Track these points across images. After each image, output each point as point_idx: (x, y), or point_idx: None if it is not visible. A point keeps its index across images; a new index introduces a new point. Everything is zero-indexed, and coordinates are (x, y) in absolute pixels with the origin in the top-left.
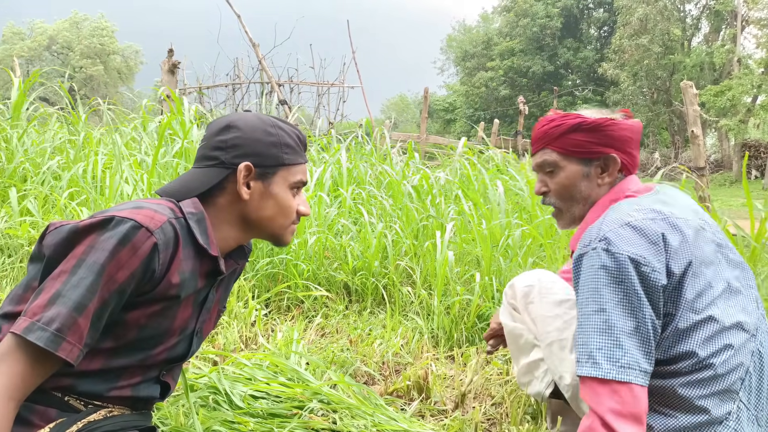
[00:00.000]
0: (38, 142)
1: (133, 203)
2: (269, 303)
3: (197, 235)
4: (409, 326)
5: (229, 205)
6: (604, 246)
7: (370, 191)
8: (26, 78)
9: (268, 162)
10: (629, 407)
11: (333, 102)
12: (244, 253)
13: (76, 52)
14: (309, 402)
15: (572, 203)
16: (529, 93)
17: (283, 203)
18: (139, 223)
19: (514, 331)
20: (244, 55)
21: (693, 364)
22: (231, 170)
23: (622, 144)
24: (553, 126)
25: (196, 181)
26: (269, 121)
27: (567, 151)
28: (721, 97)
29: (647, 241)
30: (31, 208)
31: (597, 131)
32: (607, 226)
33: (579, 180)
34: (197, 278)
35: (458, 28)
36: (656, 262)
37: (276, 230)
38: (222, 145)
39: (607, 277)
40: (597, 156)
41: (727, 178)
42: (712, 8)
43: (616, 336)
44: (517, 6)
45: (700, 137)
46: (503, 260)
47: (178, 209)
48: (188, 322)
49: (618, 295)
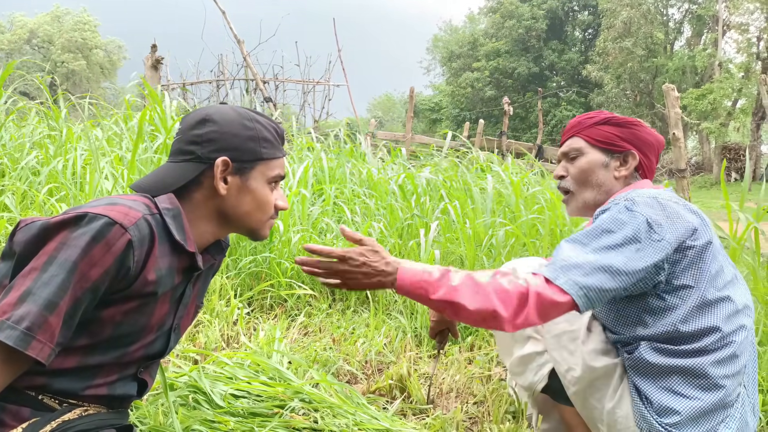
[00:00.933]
0: (17, 137)
1: (108, 199)
2: (252, 301)
3: (173, 231)
4: (393, 325)
5: (205, 200)
6: (628, 205)
7: (353, 189)
8: (2, 70)
9: (245, 156)
10: (548, 301)
11: (318, 100)
12: (221, 248)
13: (57, 46)
14: (290, 401)
15: (585, 188)
16: (515, 94)
17: (260, 198)
18: (113, 219)
19: None
20: (229, 52)
21: (718, 340)
22: (207, 165)
23: (643, 145)
24: (585, 118)
25: (171, 176)
26: (246, 115)
27: (593, 140)
28: (703, 100)
29: (667, 214)
30: (9, 204)
31: (624, 127)
32: (634, 194)
33: (598, 167)
34: (174, 274)
35: (444, 29)
36: (669, 233)
37: (253, 225)
38: (198, 139)
39: (615, 223)
40: (619, 150)
41: (707, 180)
42: (694, 12)
43: (582, 262)
44: (503, 7)
45: (682, 140)
46: (487, 259)
47: (153, 205)
48: (165, 319)
49: (614, 239)
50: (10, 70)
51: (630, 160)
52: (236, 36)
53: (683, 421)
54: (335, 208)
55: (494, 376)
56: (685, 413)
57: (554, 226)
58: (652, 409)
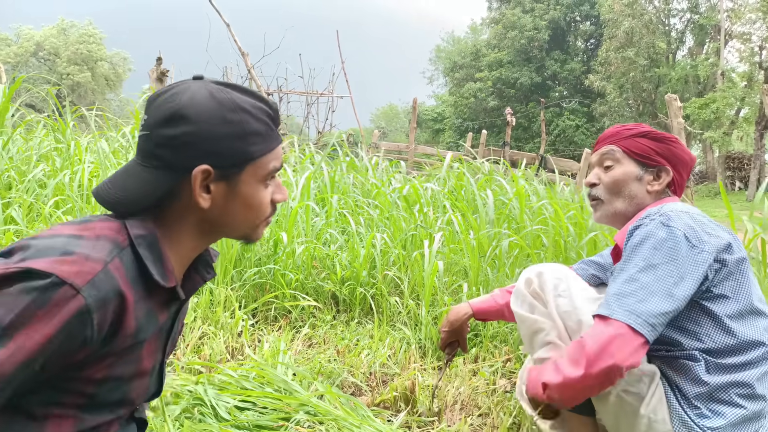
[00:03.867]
0: (24, 150)
1: (63, 241)
2: (256, 313)
3: (149, 267)
4: (397, 336)
5: (185, 213)
6: (663, 220)
7: (357, 200)
8: (11, 84)
9: (231, 161)
10: (614, 347)
11: (322, 111)
12: (209, 262)
13: (63, 58)
14: (295, 413)
15: (617, 198)
16: (517, 104)
17: (253, 202)
18: (62, 279)
19: (535, 325)
20: (234, 65)
21: (763, 354)
22: (184, 174)
23: (677, 162)
24: (625, 128)
25: (140, 188)
26: (229, 103)
27: (630, 151)
28: (706, 109)
29: (703, 227)
30: (16, 216)
31: (662, 142)
32: (667, 208)
33: (631, 179)
34: (156, 316)
35: (447, 39)
36: (707, 246)
37: (246, 231)
38: (170, 142)
39: (655, 243)
40: (654, 164)
41: (711, 189)
42: (696, 22)
43: (636, 289)
44: (505, 18)
45: None
46: (491, 270)
47: (123, 235)
48: (156, 357)
49: (658, 259)
50: (19, 83)
51: (663, 176)
52: (241, 48)
53: (726, 426)
54: (339, 219)
55: (499, 389)
56: (729, 419)
57: (558, 237)
58: (692, 413)
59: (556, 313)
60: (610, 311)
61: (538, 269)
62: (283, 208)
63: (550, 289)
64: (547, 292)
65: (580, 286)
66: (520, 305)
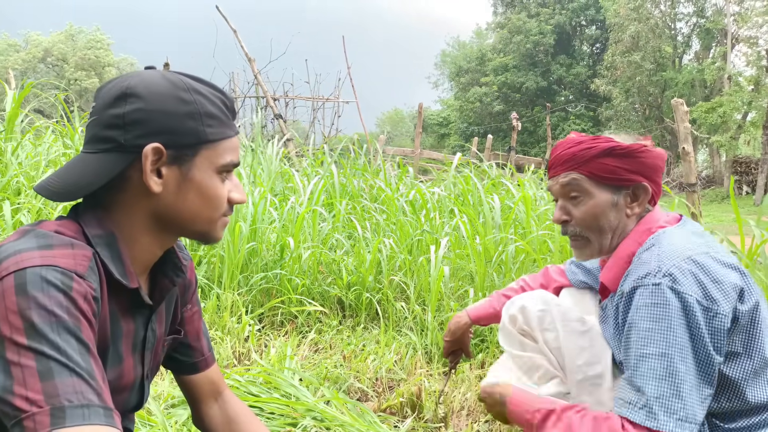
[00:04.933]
0: (33, 155)
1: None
2: (262, 318)
3: (110, 267)
4: (403, 342)
5: (136, 202)
6: (669, 283)
7: (364, 205)
8: (20, 90)
9: (184, 140)
10: None
11: (328, 116)
12: (177, 264)
13: (71, 64)
14: (303, 419)
15: (601, 234)
16: (523, 108)
17: (208, 192)
18: (64, 268)
19: (530, 362)
20: (240, 70)
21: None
22: (134, 155)
23: (652, 172)
24: (583, 148)
25: (86, 173)
26: (182, 84)
27: (596, 176)
28: (713, 113)
29: (712, 279)
30: (25, 221)
31: (630, 157)
32: (668, 260)
33: (608, 209)
34: (119, 320)
35: (452, 44)
36: (724, 305)
37: (202, 227)
38: (118, 121)
39: (672, 319)
40: (628, 184)
41: (718, 194)
42: (702, 26)
43: (677, 385)
44: (511, 23)
45: (691, 154)
46: (497, 276)
47: (80, 234)
48: (134, 373)
49: (682, 339)
50: (28, 89)
51: (641, 194)
52: (247, 54)
53: None
54: (345, 224)
55: None
56: None
57: (564, 242)
58: None
59: (547, 349)
60: (657, 423)
61: (521, 304)
62: (290, 213)
63: (536, 325)
64: (533, 328)
65: (564, 317)
66: (510, 344)
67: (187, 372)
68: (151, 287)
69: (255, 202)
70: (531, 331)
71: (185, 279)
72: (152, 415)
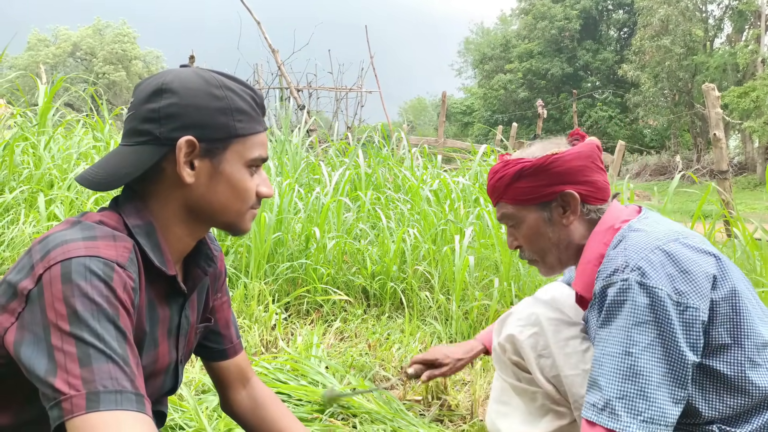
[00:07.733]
0: (64, 148)
1: (75, 233)
2: (289, 307)
3: (150, 255)
4: (428, 331)
5: (170, 193)
6: (638, 278)
7: (388, 195)
8: (52, 85)
9: (215, 134)
10: None
11: (351, 106)
12: (208, 255)
13: (99, 58)
14: (329, 406)
15: (545, 252)
16: (548, 95)
17: (238, 185)
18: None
19: (526, 392)
20: (264, 62)
21: None
22: (169, 147)
23: (573, 176)
24: (497, 179)
25: (124, 164)
26: (214, 81)
27: (519, 201)
28: (745, 98)
29: (683, 269)
30: (59, 213)
31: (541, 173)
32: (635, 253)
33: (543, 227)
34: (156, 308)
35: (476, 31)
36: (696, 297)
37: (231, 218)
38: (154, 115)
39: (639, 315)
40: (551, 197)
41: (751, 181)
42: (734, 8)
43: (642, 385)
44: (535, 9)
45: (723, 140)
46: (522, 265)
47: (121, 224)
48: (169, 357)
49: (649, 337)
50: (60, 84)
51: (570, 201)
52: (271, 46)
53: None
54: (369, 214)
55: None
56: None
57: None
58: None
59: (544, 380)
60: (620, 424)
61: (508, 332)
62: (315, 203)
63: (529, 352)
64: (526, 357)
65: (558, 336)
66: (504, 371)
67: (217, 359)
68: (184, 276)
69: (282, 192)
70: (523, 362)
71: (216, 269)
72: (184, 401)
